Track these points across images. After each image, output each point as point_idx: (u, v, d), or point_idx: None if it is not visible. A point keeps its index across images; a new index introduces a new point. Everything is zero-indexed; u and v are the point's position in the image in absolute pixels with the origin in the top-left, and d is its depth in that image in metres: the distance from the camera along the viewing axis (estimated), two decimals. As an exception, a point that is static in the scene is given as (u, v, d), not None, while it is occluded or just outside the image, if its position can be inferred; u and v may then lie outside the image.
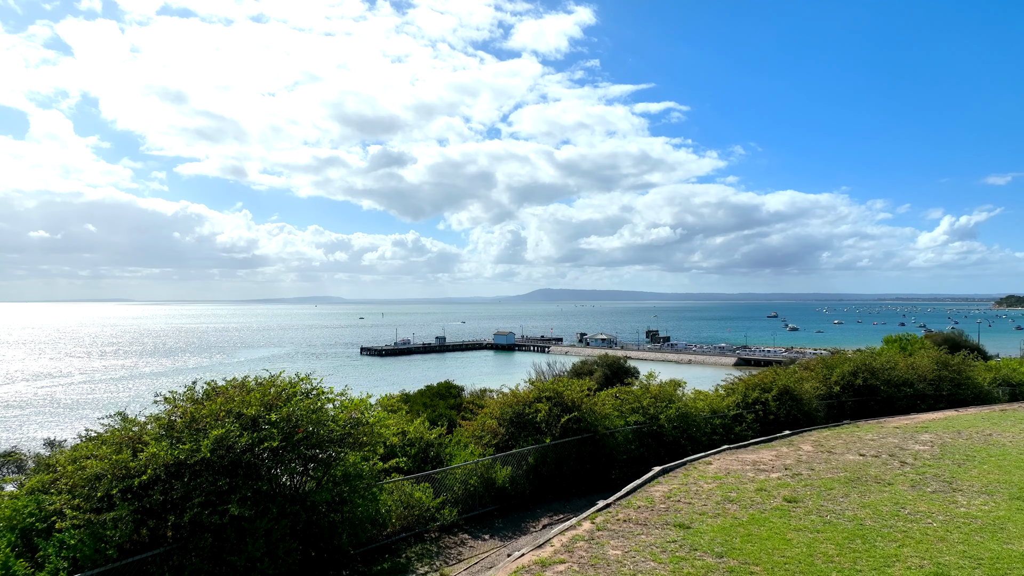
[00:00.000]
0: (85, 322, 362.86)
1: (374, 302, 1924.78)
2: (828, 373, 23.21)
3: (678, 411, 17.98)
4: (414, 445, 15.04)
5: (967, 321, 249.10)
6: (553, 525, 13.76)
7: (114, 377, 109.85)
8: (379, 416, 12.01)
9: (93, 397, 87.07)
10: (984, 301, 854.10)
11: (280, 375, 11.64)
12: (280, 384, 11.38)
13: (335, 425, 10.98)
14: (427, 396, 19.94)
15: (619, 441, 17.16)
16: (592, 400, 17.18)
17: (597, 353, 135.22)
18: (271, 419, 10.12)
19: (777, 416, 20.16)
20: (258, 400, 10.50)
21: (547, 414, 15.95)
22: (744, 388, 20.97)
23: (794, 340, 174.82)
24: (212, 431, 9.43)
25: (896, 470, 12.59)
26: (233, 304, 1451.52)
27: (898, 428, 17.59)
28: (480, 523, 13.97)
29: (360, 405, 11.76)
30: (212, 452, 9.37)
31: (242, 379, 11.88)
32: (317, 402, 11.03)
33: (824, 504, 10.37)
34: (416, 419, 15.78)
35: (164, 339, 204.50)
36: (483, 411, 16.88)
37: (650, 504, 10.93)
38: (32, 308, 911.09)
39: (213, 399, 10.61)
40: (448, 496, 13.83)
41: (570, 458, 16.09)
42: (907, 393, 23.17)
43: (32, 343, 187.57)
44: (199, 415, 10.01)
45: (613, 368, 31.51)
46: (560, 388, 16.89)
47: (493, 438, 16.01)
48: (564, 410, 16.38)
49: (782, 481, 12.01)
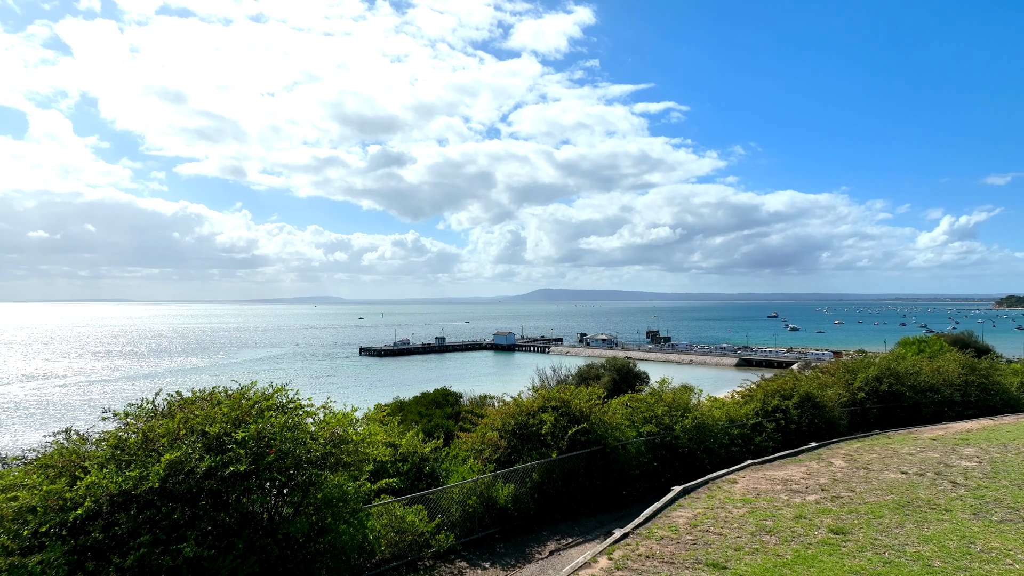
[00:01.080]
0: (83, 322, 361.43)
1: (374, 302, 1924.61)
2: (850, 378, 21.78)
3: (694, 421, 16.60)
4: (407, 461, 13.66)
5: (968, 321, 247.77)
6: (561, 551, 12.37)
7: (109, 378, 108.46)
8: (365, 432, 10.60)
9: (86, 399, 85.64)
10: (984, 301, 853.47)
11: (252, 386, 10.23)
12: (252, 397, 9.99)
13: (315, 444, 9.57)
14: (422, 404, 18.59)
15: (631, 454, 15.77)
16: (602, 409, 15.79)
17: (598, 353, 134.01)
18: (239, 438, 8.72)
19: (799, 425, 18.78)
20: (224, 415, 9.11)
21: (553, 425, 14.56)
22: (763, 395, 19.57)
23: (795, 340, 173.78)
24: (166, 454, 8.04)
25: (949, 492, 11.18)
26: (233, 304, 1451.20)
27: (935, 440, 16.19)
28: (480, 548, 12.58)
29: (344, 420, 10.35)
30: (165, 480, 7.98)
31: (211, 390, 10.51)
32: (293, 417, 9.62)
33: (878, 537, 8.96)
34: (409, 432, 14.39)
35: (162, 340, 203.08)
36: (483, 422, 15.49)
37: (674, 534, 9.53)
38: (31, 308, 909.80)
39: (173, 414, 9.23)
40: (444, 519, 12.45)
41: (578, 474, 14.70)
42: (934, 400, 21.76)
43: (29, 343, 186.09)
44: (153, 434, 8.62)
45: (622, 372, 30.06)
46: (567, 396, 15.49)
47: (494, 452, 14.60)
48: (571, 421, 14.99)
49: (822, 506, 10.61)
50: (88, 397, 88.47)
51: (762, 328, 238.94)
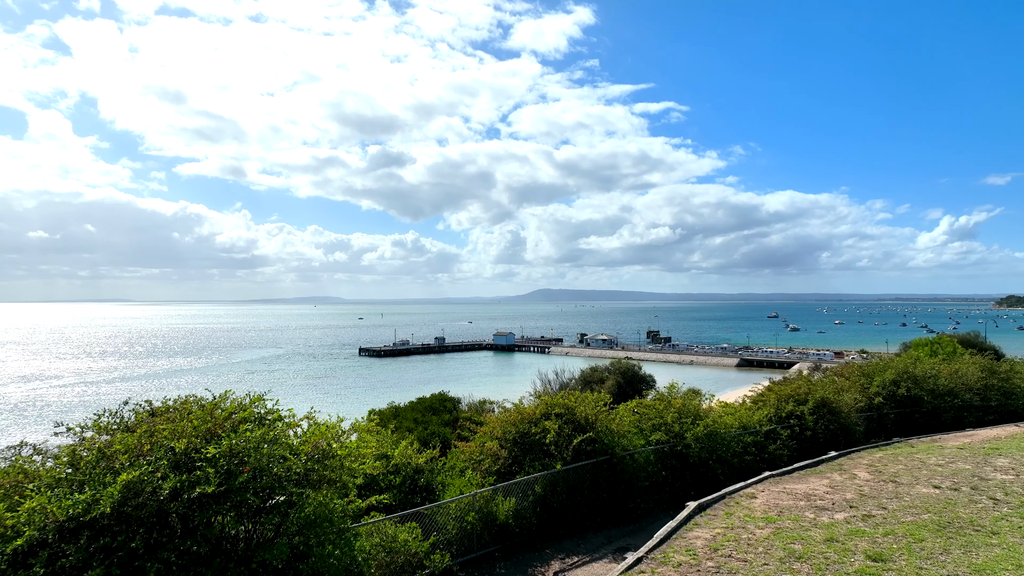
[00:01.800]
0: (83, 322, 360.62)
1: (373, 302, 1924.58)
2: (866, 382, 20.82)
3: (706, 429, 15.66)
4: (399, 473, 12.71)
5: (968, 321, 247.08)
6: (566, 572, 11.44)
7: (106, 379, 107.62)
8: (351, 446, 9.65)
9: (82, 400, 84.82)
10: (984, 301, 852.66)
11: (227, 396, 9.30)
12: (226, 407, 9.06)
13: (295, 459, 8.64)
14: (418, 411, 17.64)
15: (639, 464, 14.84)
16: (608, 417, 14.85)
17: (598, 354, 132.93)
18: (209, 455, 7.79)
19: (814, 432, 17.84)
20: (194, 429, 8.18)
21: (557, 434, 13.61)
22: (776, 400, 18.63)
23: (796, 341, 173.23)
24: (123, 474, 7.11)
25: (991, 510, 10.25)
26: (232, 304, 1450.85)
27: (962, 449, 15.25)
28: (478, 568, 11.66)
29: (328, 433, 9.41)
30: (123, 503, 7.06)
31: (184, 399, 9.58)
32: (272, 430, 8.66)
33: (923, 566, 8.02)
34: (403, 441, 13.44)
35: (160, 340, 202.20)
36: (482, 430, 14.54)
37: (693, 559, 8.60)
38: (31, 308, 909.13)
39: (136, 428, 8.30)
40: (440, 536, 11.52)
41: (584, 486, 13.76)
42: (954, 404, 20.83)
43: (26, 344, 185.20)
44: (112, 451, 7.69)
45: (627, 376, 29.04)
46: (571, 403, 14.54)
47: (494, 463, 13.65)
48: (576, 429, 14.05)
49: (854, 526, 9.67)
50: (84, 398, 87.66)
51: (762, 328, 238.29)
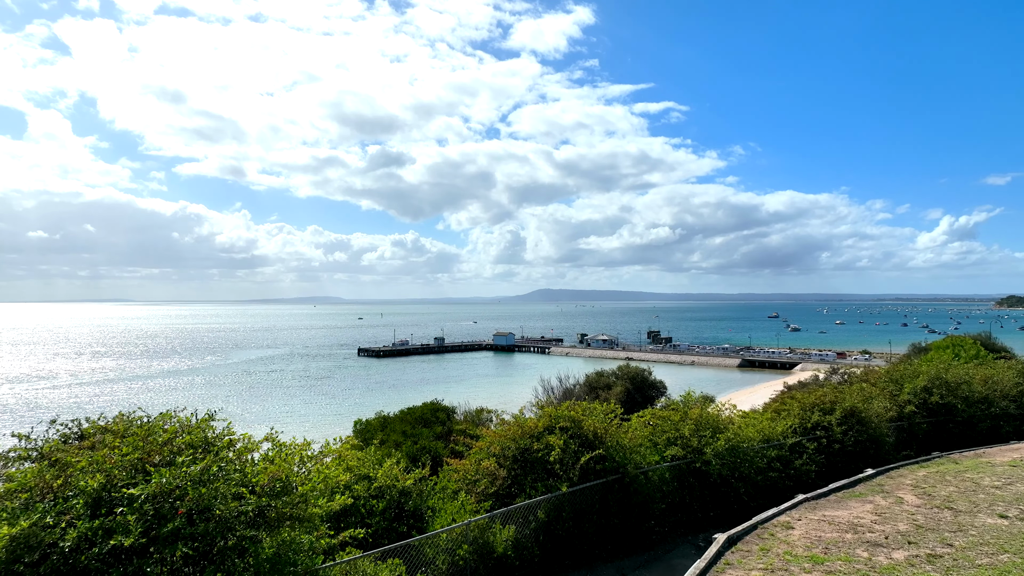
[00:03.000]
0: (81, 322, 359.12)
1: (373, 302, 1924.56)
2: (895, 389, 19.21)
3: (727, 443, 14.08)
4: (383, 496, 11.12)
5: (969, 322, 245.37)
6: (574, 615, 9.87)
7: (101, 380, 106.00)
8: (317, 479, 8.05)
9: (75, 401, 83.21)
10: (984, 301, 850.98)
11: (168, 417, 7.73)
12: (168, 429, 7.49)
13: (249, 497, 7.07)
14: (408, 422, 16.04)
15: (654, 483, 13.27)
16: (619, 430, 13.27)
17: (599, 354, 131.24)
18: (131, 494, 6.22)
19: (843, 444, 16.26)
20: (120, 460, 6.62)
21: (562, 451, 12.01)
22: (800, 409, 17.04)
23: (797, 341, 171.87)
24: (4, 526, 5.54)
25: (1080, 549, 8.67)
26: (232, 304, 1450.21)
27: (1015, 466, 13.67)
28: (472, 610, 10.08)
29: (290, 460, 7.83)
30: (12, 561, 5.50)
31: (127, 416, 8.02)
32: (216, 460, 7.07)
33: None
34: (388, 460, 11.85)
35: (159, 340, 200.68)
36: (478, 444, 12.96)
37: (732, 617, 7.02)
38: (30, 308, 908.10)
39: (45, 457, 6.73)
40: (429, 572, 9.97)
41: (592, 510, 12.17)
42: (989, 413, 19.23)
43: (24, 344, 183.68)
44: (5, 491, 6.13)
45: (636, 382, 27.31)
46: (578, 415, 12.95)
47: (491, 484, 12.07)
48: (584, 445, 12.47)
49: (920, 570, 8.09)
50: (77, 399, 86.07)
51: (763, 328, 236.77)
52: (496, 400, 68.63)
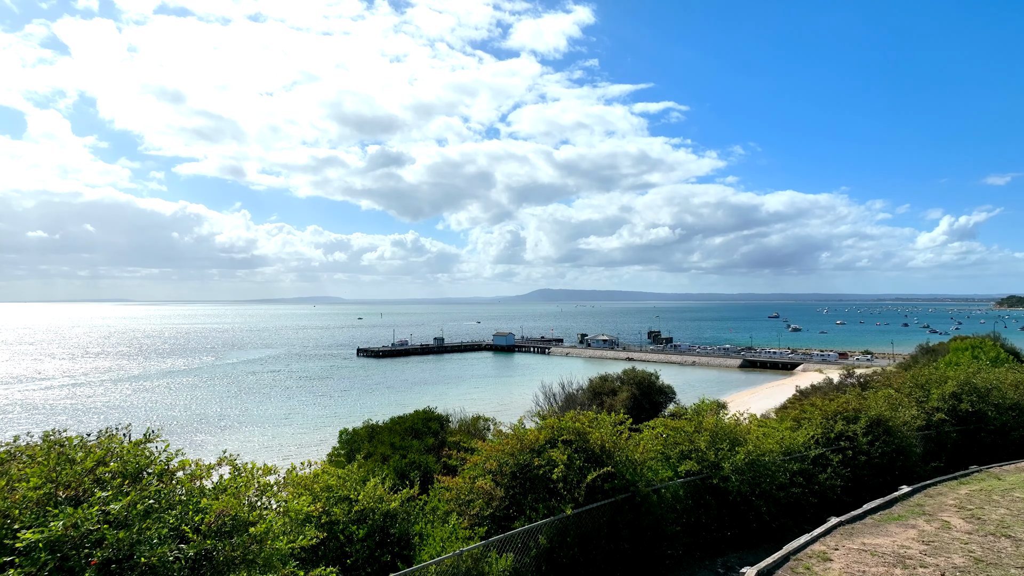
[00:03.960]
0: (80, 322, 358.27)
1: (373, 302, 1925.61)
2: (922, 395, 17.93)
3: (747, 456, 12.81)
4: (365, 521, 9.85)
5: (970, 322, 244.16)
6: (581, 660, 8.60)
7: (98, 380, 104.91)
8: (272, 518, 6.77)
9: (69, 402, 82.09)
10: (984, 301, 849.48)
11: (84, 442, 6.45)
12: (94, 453, 6.23)
13: (194, 537, 5.81)
14: (397, 433, 14.74)
15: (667, 502, 11.99)
16: (629, 443, 12.00)
17: (599, 355, 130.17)
18: (28, 540, 4.96)
19: (869, 456, 14.99)
20: (22, 497, 5.36)
21: (566, 467, 10.74)
22: (821, 418, 15.77)
23: (797, 341, 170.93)
24: None
25: None
26: (232, 304, 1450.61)
27: (1067, 483, 12.43)
28: (465, 653, 8.82)
29: (247, 491, 6.56)
30: None
31: (45, 438, 6.75)
32: (143, 498, 5.77)
33: None
34: (373, 478, 10.59)
35: (158, 340, 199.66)
36: (472, 459, 11.67)
37: None
38: (29, 308, 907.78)
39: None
40: (414, 611, 8.71)
41: (600, 534, 10.89)
42: (1022, 421, 17.95)
43: (22, 344, 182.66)
44: None
45: (642, 387, 25.95)
46: (583, 427, 11.66)
47: (486, 505, 10.78)
48: (590, 460, 11.20)
49: (993, 621, 6.83)
50: (74, 400, 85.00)
51: (763, 328, 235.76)
52: (495, 403, 67.28)
